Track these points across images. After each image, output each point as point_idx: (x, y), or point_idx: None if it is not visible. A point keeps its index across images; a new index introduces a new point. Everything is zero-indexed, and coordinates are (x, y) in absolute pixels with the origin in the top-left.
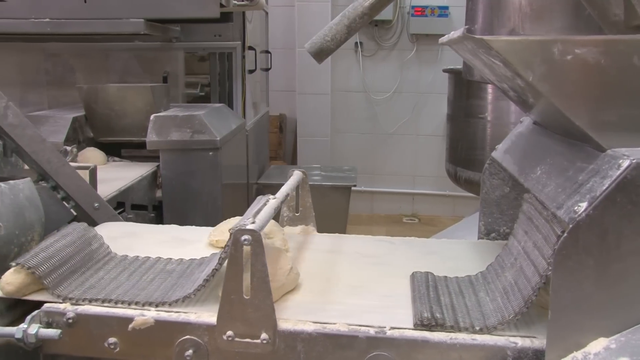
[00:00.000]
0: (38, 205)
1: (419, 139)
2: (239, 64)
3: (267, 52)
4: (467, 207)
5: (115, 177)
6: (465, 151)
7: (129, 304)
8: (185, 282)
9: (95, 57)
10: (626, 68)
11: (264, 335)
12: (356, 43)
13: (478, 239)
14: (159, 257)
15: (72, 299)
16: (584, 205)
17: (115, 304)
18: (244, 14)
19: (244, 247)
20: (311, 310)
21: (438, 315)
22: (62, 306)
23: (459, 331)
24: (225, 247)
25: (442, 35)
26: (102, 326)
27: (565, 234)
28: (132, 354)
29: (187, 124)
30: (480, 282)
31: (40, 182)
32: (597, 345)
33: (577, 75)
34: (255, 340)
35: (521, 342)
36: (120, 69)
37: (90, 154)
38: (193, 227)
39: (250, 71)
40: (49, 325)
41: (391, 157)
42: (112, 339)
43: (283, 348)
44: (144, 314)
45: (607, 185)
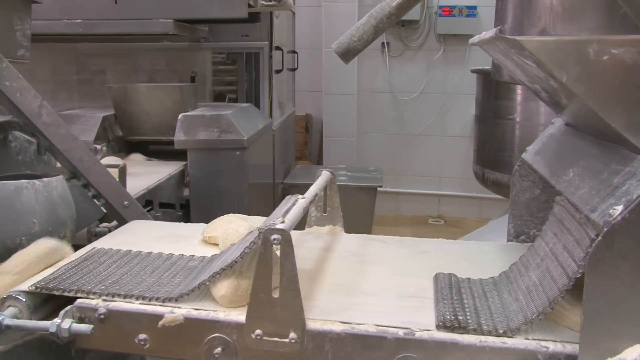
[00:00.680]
0: (70, 203)
1: (446, 140)
2: (266, 64)
3: (294, 52)
4: (493, 209)
5: (144, 175)
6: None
7: (149, 300)
8: (206, 277)
9: (124, 57)
10: None
11: (292, 334)
12: (383, 43)
13: (507, 241)
14: (182, 254)
15: (95, 293)
16: (620, 208)
17: (137, 299)
18: (271, 14)
19: (274, 246)
20: (338, 310)
21: (461, 317)
22: (94, 302)
23: (482, 334)
24: (250, 243)
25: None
26: (132, 322)
27: (600, 238)
28: (162, 350)
29: (214, 124)
30: (503, 282)
31: (71, 180)
32: (633, 352)
33: (614, 76)
34: (283, 340)
35: (553, 346)
36: (149, 68)
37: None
38: (188, 224)
39: (277, 71)
40: (81, 320)
41: (417, 158)
42: (142, 335)
43: (311, 348)
44: (174, 311)
45: None
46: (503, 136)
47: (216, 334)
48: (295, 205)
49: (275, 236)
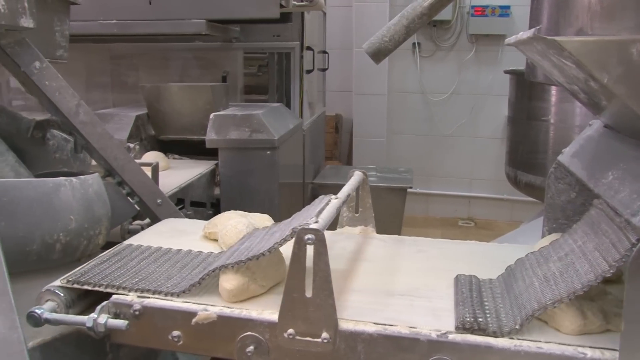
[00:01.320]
0: (105, 200)
1: (477, 141)
2: (297, 64)
3: (325, 52)
4: (525, 212)
5: (175, 174)
6: (526, 154)
7: (177, 296)
8: (225, 263)
9: (157, 57)
10: None
11: (324, 334)
12: (414, 43)
13: None
14: (211, 251)
15: (124, 288)
16: None
17: (165, 295)
18: (302, 14)
19: (307, 246)
20: (370, 311)
21: (481, 319)
22: (129, 298)
23: (502, 336)
24: (281, 240)
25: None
26: (166, 319)
27: None
28: (195, 347)
29: (245, 123)
30: (518, 268)
31: (106, 178)
32: None
33: None
34: (316, 339)
35: (590, 353)
36: (181, 68)
37: (151, 157)
38: (192, 220)
39: (308, 71)
40: (116, 316)
41: (448, 159)
42: (175, 332)
43: (343, 348)
44: (207, 309)
45: None
46: (536, 138)
47: (249, 333)
48: (328, 205)
49: (309, 236)
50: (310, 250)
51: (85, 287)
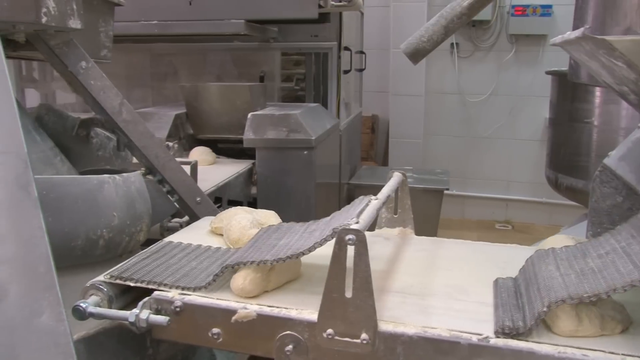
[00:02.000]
0: (147, 198)
1: (515, 143)
2: (335, 64)
3: (362, 52)
4: (565, 216)
5: (213, 173)
6: (568, 157)
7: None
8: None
9: (195, 57)
10: None
11: (364, 335)
12: (452, 44)
13: None
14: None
15: (166, 285)
16: None
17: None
18: (340, 14)
19: (348, 246)
20: (410, 313)
21: (520, 323)
22: (170, 294)
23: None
24: (322, 240)
25: (544, 35)
26: (206, 316)
27: None
28: (234, 345)
29: (283, 123)
30: (550, 258)
31: (147, 176)
32: None
33: None
34: (355, 340)
35: None
36: (219, 68)
37: (198, 152)
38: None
39: (346, 71)
40: (158, 312)
41: (485, 161)
42: (215, 329)
43: (382, 349)
44: (247, 307)
45: None
46: (579, 140)
47: (288, 332)
48: (369, 206)
49: (350, 236)
50: (350, 250)
51: (128, 282)
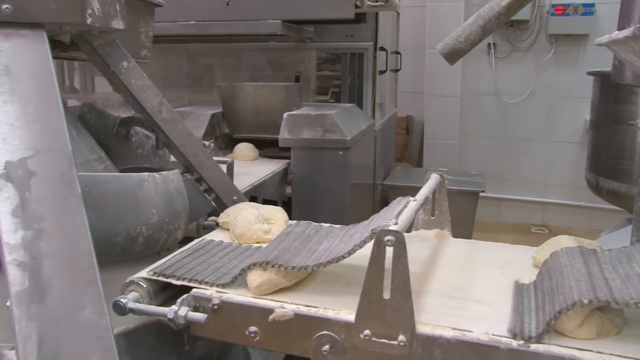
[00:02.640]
0: (184, 196)
1: (554, 145)
2: (370, 64)
3: (398, 53)
4: (605, 220)
5: (249, 172)
6: (610, 160)
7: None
8: (311, 263)
9: (231, 56)
10: None
11: (401, 337)
12: (489, 44)
13: None
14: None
15: (207, 283)
16: None
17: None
18: (377, 14)
19: (387, 247)
20: (448, 315)
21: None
22: (208, 292)
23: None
24: (361, 242)
25: (585, 35)
26: (244, 315)
27: None
28: (271, 344)
29: (318, 123)
30: (592, 259)
31: (185, 174)
32: None
33: None
34: (392, 342)
35: None
36: (254, 68)
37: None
38: None
39: (381, 72)
40: (196, 309)
41: (522, 163)
42: (252, 328)
43: (420, 352)
44: (284, 306)
45: None
46: (622, 143)
47: (325, 332)
48: (407, 207)
49: (389, 237)
50: (388, 252)
51: (170, 280)
